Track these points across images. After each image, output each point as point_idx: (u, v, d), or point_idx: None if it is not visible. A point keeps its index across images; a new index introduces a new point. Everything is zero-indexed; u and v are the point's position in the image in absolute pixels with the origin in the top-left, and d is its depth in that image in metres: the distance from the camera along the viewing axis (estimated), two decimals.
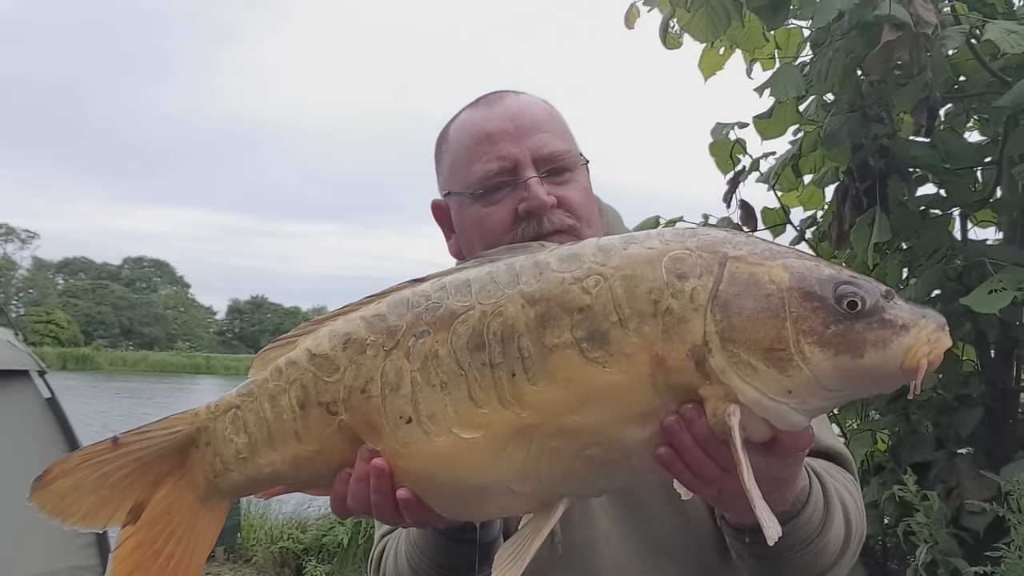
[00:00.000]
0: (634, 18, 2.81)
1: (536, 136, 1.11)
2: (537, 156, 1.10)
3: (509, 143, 1.10)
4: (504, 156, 1.10)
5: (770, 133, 2.75)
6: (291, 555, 7.09)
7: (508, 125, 1.11)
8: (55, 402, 4.41)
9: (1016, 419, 2.49)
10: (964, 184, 2.50)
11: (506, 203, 1.10)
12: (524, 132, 1.11)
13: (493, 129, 1.11)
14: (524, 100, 1.16)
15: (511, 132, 1.11)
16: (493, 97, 1.16)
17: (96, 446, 0.92)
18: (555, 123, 1.15)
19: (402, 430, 0.85)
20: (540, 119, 1.13)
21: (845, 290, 0.79)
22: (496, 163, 1.10)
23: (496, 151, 1.10)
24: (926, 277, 2.34)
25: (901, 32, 2.06)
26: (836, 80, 2.34)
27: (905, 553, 2.46)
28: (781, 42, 2.77)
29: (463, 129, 1.15)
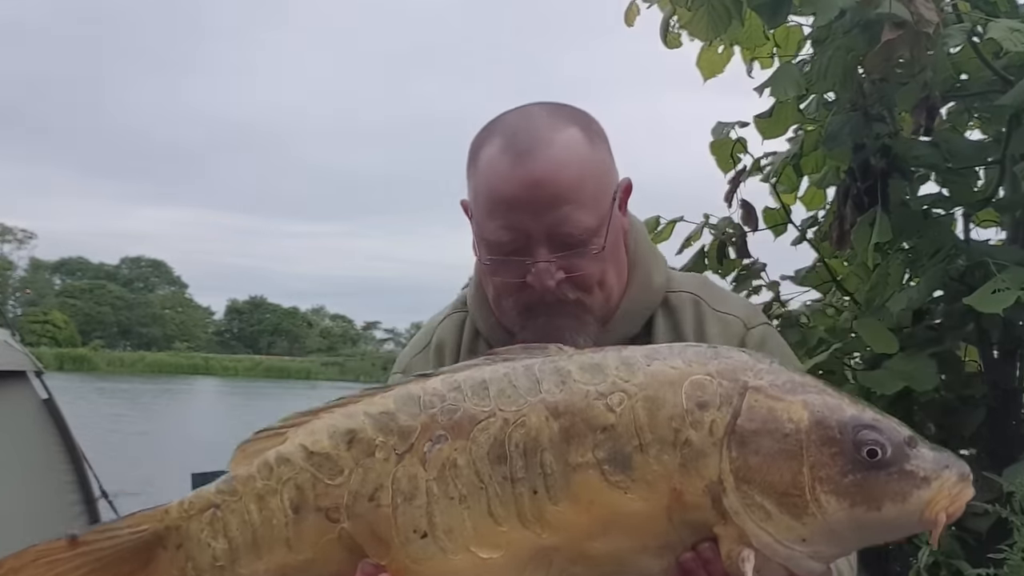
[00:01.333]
0: (634, 15, 2.80)
1: (557, 211, 1.04)
2: (553, 233, 1.05)
3: (525, 216, 1.04)
4: (517, 228, 1.05)
5: (771, 133, 2.74)
6: None
7: (527, 194, 1.04)
8: (52, 403, 4.40)
9: (1019, 420, 2.48)
10: (966, 183, 2.49)
11: (514, 270, 1.07)
12: (543, 205, 1.04)
13: (511, 196, 1.05)
14: (554, 161, 1.05)
15: (529, 204, 1.04)
16: (524, 147, 1.05)
17: (52, 544, 0.83)
18: (582, 189, 1.06)
19: (415, 544, 0.80)
20: (566, 189, 1.04)
21: (866, 436, 0.76)
22: (508, 234, 1.06)
23: (510, 221, 1.05)
24: (928, 277, 2.33)
25: (902, 31, 2.05)
26: (837, 79, 2.33)
27: (907, 555, 2.45)
28: (780, 40, 2.76)
29: (486, 175, 1.08)
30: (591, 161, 1.08)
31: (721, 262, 2.89)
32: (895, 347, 2.36)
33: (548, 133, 1.06)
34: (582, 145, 1.07)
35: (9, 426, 4.14)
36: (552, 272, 1.05)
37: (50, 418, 4.31)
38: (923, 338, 2.48)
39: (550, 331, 1.04)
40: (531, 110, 1.11)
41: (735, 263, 2.90)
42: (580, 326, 1.07)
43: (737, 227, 2.87)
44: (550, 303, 1.06)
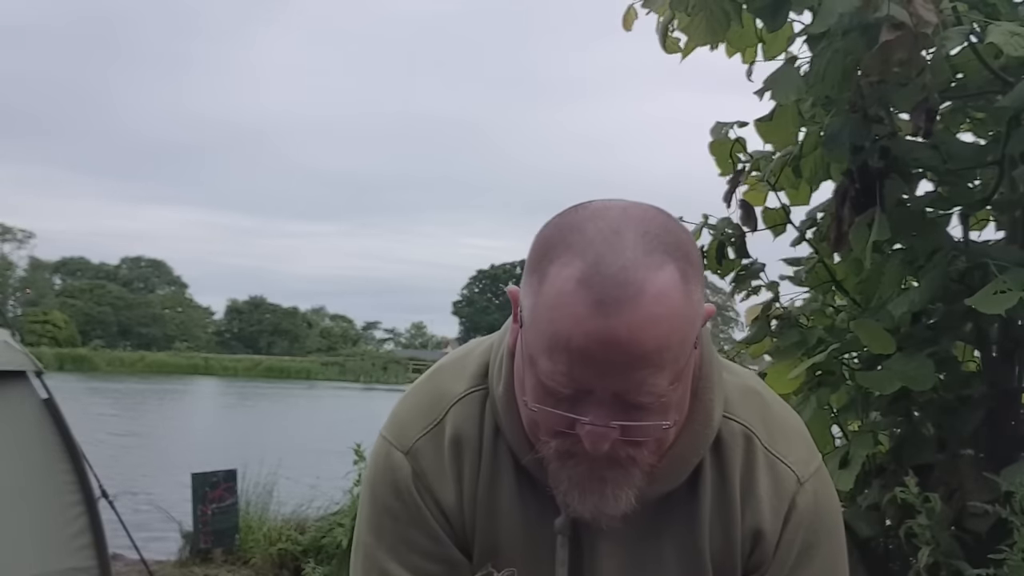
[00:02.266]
0: (631, 20, 2.80)
1: (630, 375, 0.88)
2: (620, 396, 0.89)
3: (593, 373, 0.88)
4: (580, 382, 0.89)
5: (772, 136, 2.74)
6: (290, 557, 7.08)
7: (602, 354, 0.87)
8: (52, 403, 4.41)
9: (1019, 420, 2.49)
10: (965, 184, 2.49)
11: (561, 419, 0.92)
12: (617, 368, 0.87)
13: (582, 347, 0.87)
14: (643, 320, 0.86)
15: (601, 363, 0.87)
16: (610, 293, 0.86)
17: None
18: (667, 350, 0.89)
19: None
20: (650, 352, 0.87)
21: None
22: (568, 385, 0.90)
23: (574, 373, 0.89)
24: (929, 279, 2.33)
25: (900, 32, 2.04)
26: (835, 81, 2.33)
27: (907, 555, 2.45)
28: (767, 37, 2.75)
29: (555, 307, 0.89)
30: (683, 315, 0.89)
31: (720, 262, 2.90)
32: (892, 347, 2.36)
33: (642, 275, 0.87)
34: (677, 293, 0.89)
35: (9, 426, 4.14)
36: (608, 435, 0.90)
37: (50, 418, 4.32)
38: (921, 338, 2.48)
39: (590, 482, 0.93)
40: (621, 230, 0.90)
41: (734, 263, 2.91)
42: (625, 480, 0.94)
43: (736, 227, 2.87)
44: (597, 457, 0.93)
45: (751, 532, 1.03)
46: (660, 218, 0.93)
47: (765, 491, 1.03)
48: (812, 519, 1.04)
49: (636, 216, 0.92)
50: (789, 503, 1.03)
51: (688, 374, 0.95)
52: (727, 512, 1.03)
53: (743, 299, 2.91)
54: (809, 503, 1.04)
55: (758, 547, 1.03)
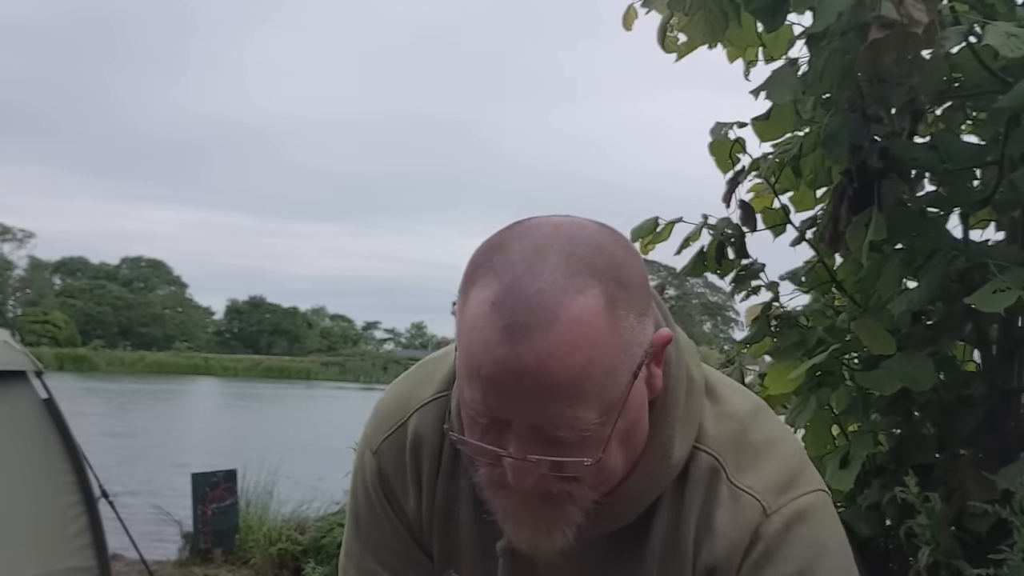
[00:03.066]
0: (632, 19, 2.80)
1: (545, 407, 0.82)
2: (538, 429, 0.83)
3: (505, 404, 0.83)
4: (495, 413, 0.84)
5: (769, 136, 2.74)
6: (290, 557, 7.09)
7: (511, 383, 0.81)
8: (52, 403, 4.41)
9: (1018, 420, 2.49)
10: (964, 184, 2.49)
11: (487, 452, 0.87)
12: (529, 399, 0.82)
13: (491, 376, 0.82)
14: (551, 348, 0.80)
15: (511, 393, 0.82)
16: (520, 318, 0.81)
17: None
18: (587, 381, 0.82)
19: None
20: (561, 383, 0.81)
21: None
22: (484, 413, 0.85)
23: (489, 403, 0.84)
24: (929, 279, 2.33)
25: (889, 31, 2.04)
26: (833, 81, 2.33)
27: (907, 555, 2.45)
28: (768, 39, 2.75)
29: (470, 330, 0.84)
30: (607, 343, 0.82)
31: (720, 263, 2.90)
32: (892, 348, 2.36)
33: (556, 299, 0.81)
34: (599, 320, 0.82)
35: (9, 426, 4.14)
36: (530, 470, 0.84)
37: (50, 418, 4.32)
38: (921, 338, 2.48)
39: (523, 515, 0.88)
40: (543, 252, 0.84)
41: (734, 263, 2.91)
42: (560, 516, 0.88)
43: (736, 227, 2.87)
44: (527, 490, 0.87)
45: (704, 570, 0.94)
46: (597, 237, 0.86)
47: (722, 525, 0.93)
48: (784, 552, 0.92)
49: (566, 235, 0.86)
50: (751, 535, 0.92)
51: (633, 406, 0.87)
52: (678, 554, 0.95)
53: (743, 299, 2.91)
54: (777, 534, 0.92)
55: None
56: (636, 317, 0.85)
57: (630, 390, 0.85)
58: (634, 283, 0.86)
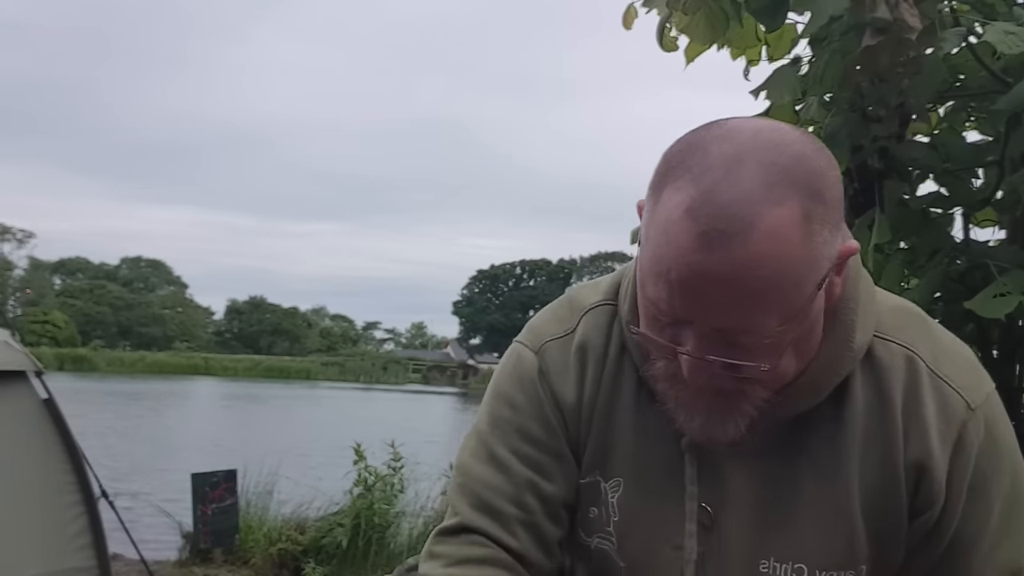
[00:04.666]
0: (632, 19, 2.80)
1: (730, 313, 0.84)
2: (720, 333, 0.86)
3: (692, 305, 0.85)
4: (678, 313, 0.86)
5: None
6: (290, 557, 7.08)
7: (701, 287, 0.83)
8: (52, 403, 4.40)
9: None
10: (965, 184, 2.49)
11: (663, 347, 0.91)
12: (716, 305, 0.84)
13: (682, 279, 0.83)
14: (745, 258, 0.81)
15: (700, 296, 0.84)
16: (717, 225, 0.81)
17: None
18: (775, 292, 0.83)
19: None
20: (750, 293, 0.82)
21: None
22: (668, 312, 0.87)
23: (674, 303, 0.85)
24: (929, 279, 2.34)
25: (883, 36, 2.04)
26: (834, 81, 2.33)
27: None
28: (771, 40, 2.75)
29: (663, 231, 0.85)
30: (799, 256, 0.83)
31: None
32: None
33: (755, 210, 0.81)
34: (794, 233, 0.82)
35: (9, 426, 4.14)
36: (705, 368, 0.87)
37: (50, 418, 4.31)
38: None
39: (696, 404, 0.92)
40: (742, 160, 0.83)
41: None
42: (732, 408, 0.91)
43: None
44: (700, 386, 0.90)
45: (915, 462, 0.95)
46: (798, 146, 0.86)
47: (931, 416, 0.94)
48: (985, 448, 0.95)
49: (767, 141, 0.85)
50: (958, 431, 0.94)
51: (810, 315, 0.88)
52: (887, 436, 0.95)
53: None
54: (981, 431, 0.95)
55: (924, 481, 0.95)
56: (829, 231, 0.86)
57: (813, 300, 0.87)
58: (831, 196, 0.86)
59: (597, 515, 1.05)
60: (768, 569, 0.98)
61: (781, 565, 0.98)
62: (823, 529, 0.97)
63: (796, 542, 0.97)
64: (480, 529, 1.02)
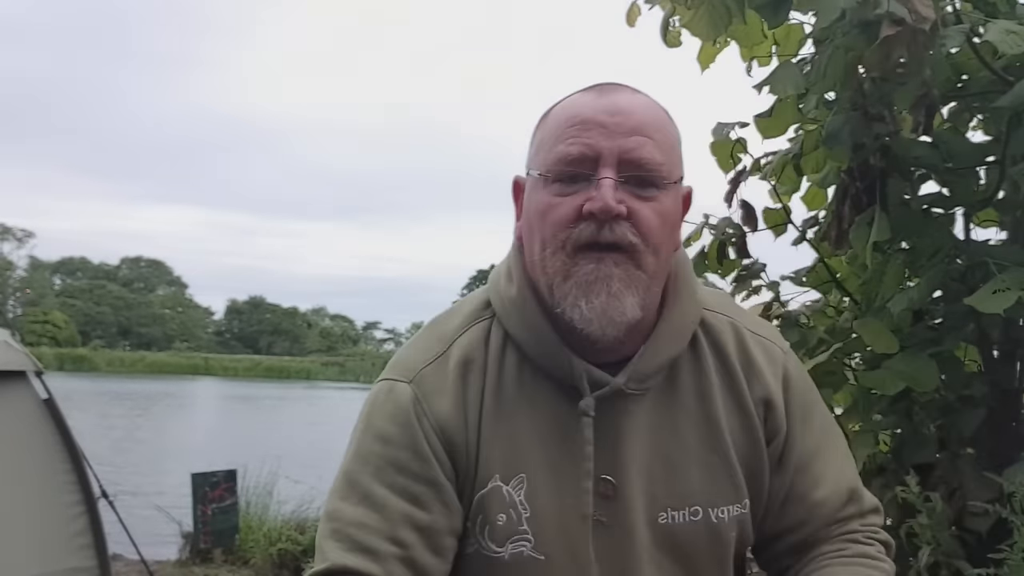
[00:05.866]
0: (635, 16, 2.80)
1: (632, 137, 1.04)
2: (624, 158, 1.03)
3: (600, 135, 1.03)
4: (589, 145, 1.03)
5: (771, 132, 2.74)
6: (290, 557, 7.08)
7: (606, 117, 1.04)
8: (52, 403, 4.40)
9: (1019, 420, 2.48)
10: (966, 183, 2.49)
11: (575, 197, 1.04)
12: (621, 129, 1.04)
13: (589, 116, 1.05)
14: (638, 100, 1.08)
15: (607, 125, 1.04)
16: (608, 87, 1.09)
17: None
18: (660, 132, 1.07)
19: None
20: (645, 122, 1.06)
21: None
22: (578, 149, 1.04)
23: (583, 138, 1.04)
24: (929, 277, 2.33)
25: (900, 28, 2.04)
26: (837, 79, 2.33)
27: (907, 554, 2.45)
28: (780, 38, 2.75)
29: (562, 110, 1.09)
30: (668, 125, 1.10)
31: (721, 262, 2.90)
32: (895, 347, 2.35)
33: (632, 90, 1.10)
34: (662, 112, 1.10)
35: (9, 426, 4.14)
36: (618, 196, 1.02)
37: (50, 418, 4.31)
38: (923, 338, 2.48)
39: (597, 280, 1.02)
40: (617, 86, 1.11)
41: (735, 263, 2.90)
42: (629, 280, 1.03)
43: (737, 227, 2.87)
44: (606, 242, 1.02)
45: (761, 399, 1.13)
46: None
47: (761, 362, 1.15)
48: (802, 384, 1.18)
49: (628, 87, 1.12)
50: (783, 370, 1.15)
51: (677, 204, 1.10)
52: (733, 384, 1.13)
53: (744, 299, 2.91)
54: (796, 369, 1.18)
55: (770, 414, 1.13)
56: (679, 140, 1.12)
57: (680, 180, 1.09)
58: (677, 137, 1.12)
59: (507, 520, 1.06)
60: (667, 519, 1.08)
61: (679, 512, 1.08)
62: (708, 470, 1.10)
63: (687, 487, 1.09)
64: (354, 569, 1.01)
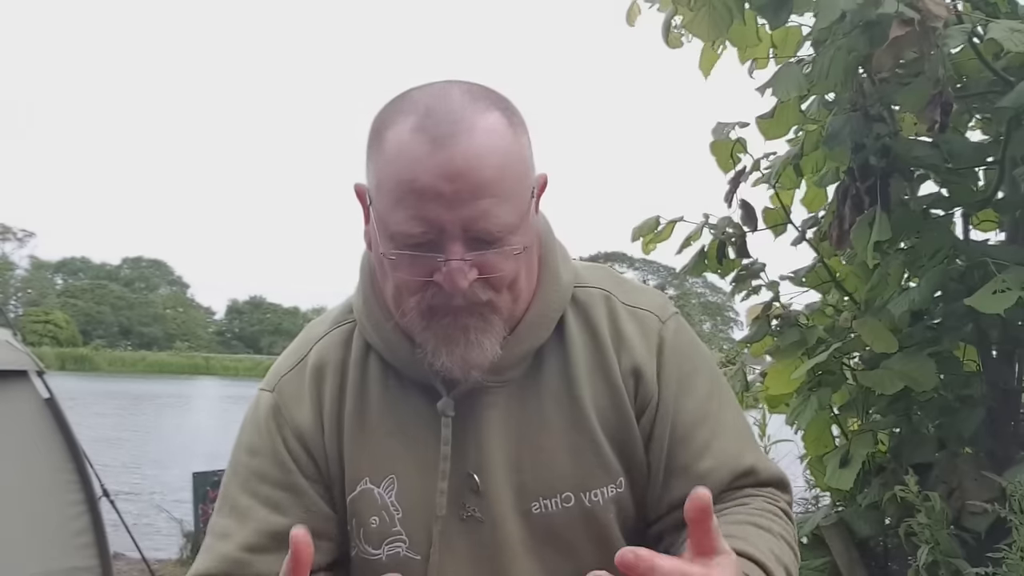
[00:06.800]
0: (635, 15, 2.81)
1: (476, 205, 0.93)
2: (469, 229, 0.94)
3: (440, 207, 0.93)
4: (430, 221, 0.93)
5: (773, 133, 2.74)
6: None
7: (445, 185, 0.92)
8: (54, 402, 4.40)
9: (1018, 420, 2.49)
10: (966, 184, 2.49)
11: (420, 267, 0.96)
12: (461, 197, 0.93)
13: (426, 185, 0.92)
14: (476, 149, 0.93)
15: (445, 194, 0.92)
16: (442, 136, 0.93)
17: None
18: (506, 181, 0.95)
19: None
20: (487, 181, 0.93)
21: None
22: (419, 226, 0.94)
23: (423, 212, 0.93)
24: (929, 278, 2.34)
25: (910, 27, 2.05)
26: (838, 79, 2.33)
27: (906, 554, 2.46)
28: (778, 40, 2.76)
29: (396, 159, 0.95)
30: (514, 152, 0.97)
31: (721, 262, 2.90)
32: (895, 347, 2.36)
33: (469, 116, 0.95)
34: (505, 133, 0.96)
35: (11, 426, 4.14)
36: (465, 272, 0.95)
37: (52, 417, 4.32)
38: (922, 338, 2.49)
39: (454, 332, 0.98)
40: (447, 88, 0.98)
41: (735, 263, 2.91)
42: (486, 327, 0.99)
43: (737, 227, 2.87)
44: (459, 306, 0.97)
45: (630, 371, 1.09)
46: (486, 87, 1.02)
47: (633, 333, 1.10)
48: (682, 350, 1.12)
49: (459, 80, 1.01)
50: (657, 339, 1.11)
51: (530, 222, 1.01)
52: (603, 359, 1.09)
53: (743, 299, 2.92)
54: (674, 335, 1.12)
55: (640, 384, 1.09)
56: (529, 146, 1.01)
57: (531, 207, 1.01)
58: (524, 123, 1.02)
59: (380, 522, 1.05)
60: (540, 509, 1.05)
61: (551, 500, 1.05)
62: (574, 453, 1.06)
63: (555, 474, 1.05)
64: None
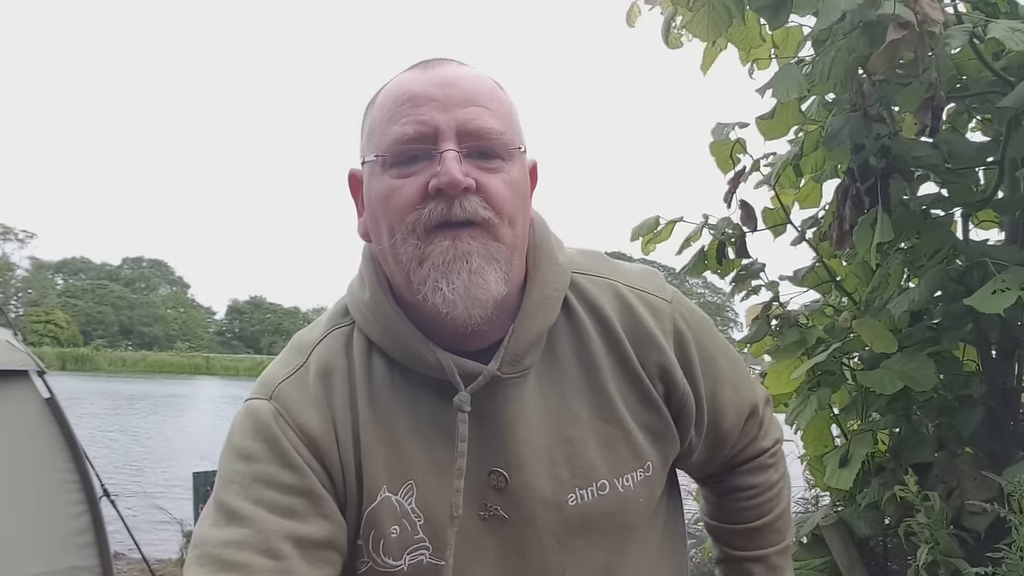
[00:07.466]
0: (635, 16, 2.81)
1: (467, 108, 0.97)
2: (463, 129, 0.97)
3: (434, 109, 0.97)
4: (424, 121, 0.97)
5: (773, 134, 2.75)
6: None
7: (437, 91, 0.98)
8: (54, 402, 4.41)
9: (1018, 420, 2.49)
10: (966, 184, 2.49)
11: (418, 176, 0.96)
12: (454, 101, 0.97)
13: (419, 91, 0.98)
14: (466, 71, 1.02)
15: (438, 98, 0.97)
16: (433, 62, 1.02)
17: None
18: (495, 102, 1.00)
19: None
20: (478, 92, 0.99)
21: None
22: (413, 127, 0.97)
23: (417, 115, 0.97)
24: (928, 278, 2.34)
25: (906, 31, 2.05)
26: (838, 80, 2.33)
27: (906, 553, 2.46)
28: (779, 41, 2.76)
29: (390, 91, 1.01)
30: (502, 94, 1.03)
31: (720, 262, 2.90)
32: (895, 347, 2.36)
33: (457, 61, 1.04)
34: (493, 82, 1.04)
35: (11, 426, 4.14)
36: (463, 169, 0.95)
37: (52, 417, 4.32)
38: (922, 338, 2.49)
39: (456, 260, 0.95)
40: (444, 61, 1.05)
41: (734, 263, 2.91)
42: (488, 254, 0.96)
43: (736, 227, 2.88)
44: (459, 219, 0.95)
45: (656, 367, 1.08)
46: None
47: (648, 320, 1.09)
48: (693, 330, 1.12)
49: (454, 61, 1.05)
50: (671, 321, 1.10)
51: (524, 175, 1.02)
52: (619, 349, 1.07)
53: (743, 299, 2.92)
54: (685, 318, 1.12)
55: (671, 385, 1.08)
56: (516, 109, 1.05)
57: (524, 150, 1.03)
58: (511, 105, 1.05)
59: (400, 531, 1.01)
60: (576, 500, 1.03)
61: (587, 491, 1.03)
62: (605, 441, 1.05)
63: (589, 463, 1.04)
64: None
